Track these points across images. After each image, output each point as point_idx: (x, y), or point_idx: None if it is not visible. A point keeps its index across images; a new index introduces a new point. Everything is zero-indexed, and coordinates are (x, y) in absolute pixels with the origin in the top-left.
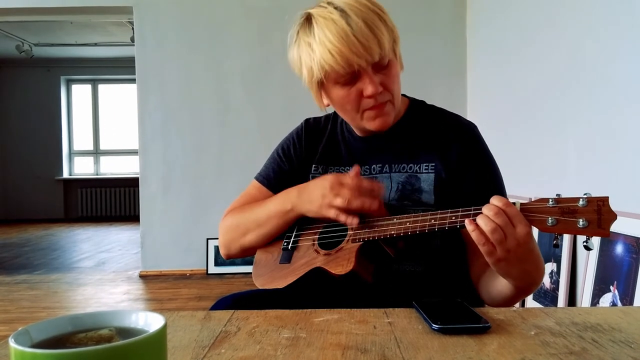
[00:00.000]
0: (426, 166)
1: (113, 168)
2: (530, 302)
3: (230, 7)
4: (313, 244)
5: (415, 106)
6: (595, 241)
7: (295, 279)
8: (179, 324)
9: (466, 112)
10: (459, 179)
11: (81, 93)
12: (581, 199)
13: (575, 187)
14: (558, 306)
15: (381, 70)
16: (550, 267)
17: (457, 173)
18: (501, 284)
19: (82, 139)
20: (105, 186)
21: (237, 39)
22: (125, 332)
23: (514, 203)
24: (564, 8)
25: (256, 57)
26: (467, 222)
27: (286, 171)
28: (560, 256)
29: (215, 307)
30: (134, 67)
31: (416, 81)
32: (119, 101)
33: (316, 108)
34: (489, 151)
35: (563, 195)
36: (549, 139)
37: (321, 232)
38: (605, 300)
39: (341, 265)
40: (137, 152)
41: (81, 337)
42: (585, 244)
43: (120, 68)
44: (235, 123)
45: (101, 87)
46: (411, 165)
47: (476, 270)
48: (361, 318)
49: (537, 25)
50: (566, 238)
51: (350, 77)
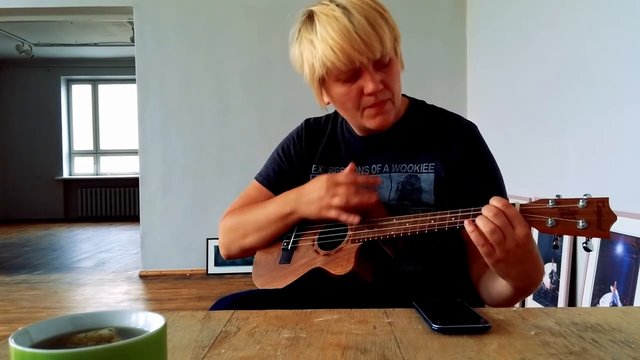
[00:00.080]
0: (426, 166)
1: (113, 168)
2: (530, 302)
3: (230, 7)
4: (313, 245)
5: (415, 106)
6: (595, 241)
7: (295, 280)
8: (179, 324)
9: (466, 112)
10: (459, 179)
11: (81, 93)
12: (581, 200)
13: (575, 187)
14: (558, 306)
15: (382, 68)
16: (550, 267)
17: (457, 173)
18: (501, 285)
19: (82, 139)
20: (105, 186)
21: (237, 39)
22: (125, 332)
23: (514, 204)
24: (564, 8)
25: (256, 57)
26: (467, 223)
27: (286, 171)
28: (560, 256)
29: (215, 307)
30: (134, 67)
31: (416, 81)
32: (119, 101)
33: (316, 108)
34: (489, 151)
35: (563, 195)
36: (549, 139)
37: (321, 233)
38: (605, 300)
39: (341, 265)
40: (137, 152)
41: (81, 337)
42: (585, 245)
43: (120, 68)
44: (235, 123)
45: (101, 87)
46: (411, 165)
47: (476, 270)
48: (361, 318)
49: (537, 25)
50: (566, 238)
51: (351, 75)
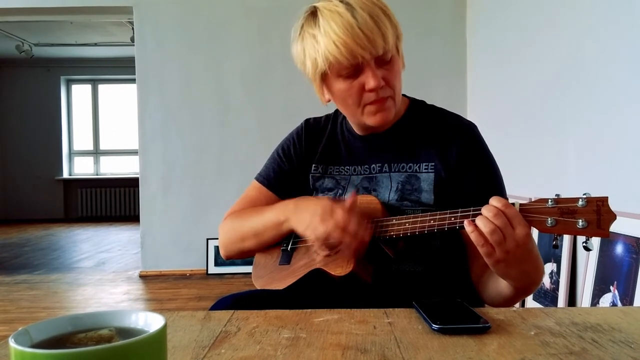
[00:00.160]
0: (426, 166)
1: (113, 168)
2: (530, 302)
3: (230, 7)
4: (312, 245)
5: (415, 106)
6: (595, 241)
7: (294, 281)
8: (179, 324)
9: (466, 112)
10: (459, 179)
11: (81, 93)
12: (580, 199)
13: (575, 187)
14: (558, 306)
15: (384, 65)
16: (550, 267)
17: (457, 173)
18: (501, 285)
19: (82, 139)
20: (105, 186)
21: (237, 39)
22: (125, 332)
23: (513, 204)
24: (564, 8)
25: (256, 57)
26: (466, 223)
27: (286, 171)
28: (560, 256)
29: (215, 307)
30: (134, 67)
31: (416, 81)
32: (119, 101)
33: (316, 108)
34: (489, 151)
35: (562, 195)
36: (549, 139)
37: None
38: (605, 300)
39: (341, 266)
40: (137, 152)
41: (81, 337)
42: (584, 245)
43: (120, 68)
44: (235, 123)
45: (101, 87)
46: (411, 164)
47: (476, 270)
48: (361, 318)
49: (537, 25)
50: (566, 238)
51: (353, 70)
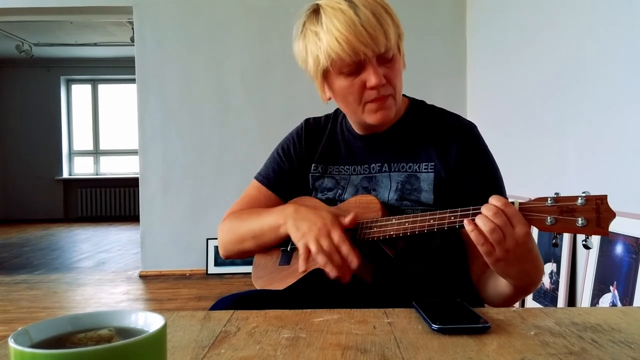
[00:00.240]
0: (426, 165)
1: (113, 168)
2: (530, 302)
3: (230, 7)
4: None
5: (415, 106)
6: (595, 241)
7: (294, 281)
8: (179, 324)
9: (466, 112)
10: (459, 179)
11: (81, 93)
12: (580, 198)
13: (575, 187)
14: (558, 306)
15: (385, 63)
16: (550, 267)
17: (457, 173)
18: (501, 284)
19: (82, 139)
20: (105, 186)
21: (237, 39)
22: (125, 332)
23: (513, 203)
24: (564, 8)
25: (256, 57)
26: (466, 222)
27: (286, 171)
28: (560, 256)
29: (215, 307)
30: (134, 67)
31: (416, 81)
32: (119, 101)
33: (316, 108)
34: (489, 151)
35: (562, 194)
36: (549, 139)
37: None
38: (605, 300)
39: None
40: (137, 152)
41: (81, 337)
42: (584, 243)
43: (120, 68)
44: (235, 123)
45: (101, 87)
46: (411, 164)
47: (476, 270)
48: (361, 318)
49: (537, 25)
50: (566, 238)
51: (354, 68)
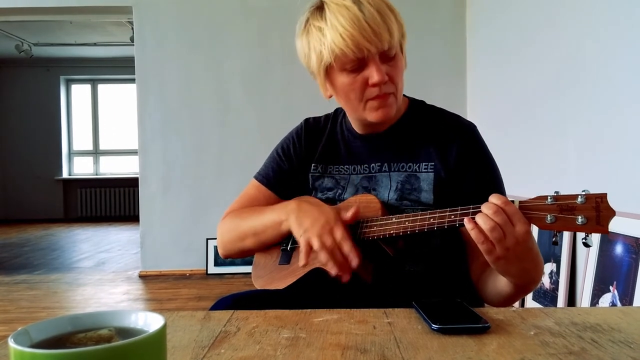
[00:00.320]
0: (425, 165)
1: (113, 168)
2: (529, 302)
3: (230, 7)
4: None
5: (415, 106)
6: (594, 241)
7: (294, 280)
8: (179, 324)
9: (466, 112)
10: (459, 179)
11: (81, 93)
12: (579, 196)
13: (575, 187)
14: (557, 306)
15: (388, 61)
16: (549, 267)
17: (457, 173)
18: (501, 283)
19: (82, 139)
20: (105, 186)
21: (237, 39)
22: (124, 332)
23: (513, 201)
24: (564, 8)
25: (256, 57)
26: (466, 221)
27: (286, 170)
28: (559, 256)
29: (215, 307)
30: (134, 67)
31: (416, 81)
32: (119, 101)
33: (316, 108)
34: (489, 151)
35: (562, 193)
36: (549, 139)
37: None
38: (604, 300)
39: None
40: (137, 152)
41: (81, 337)
42: (584, 241)
43: (120, 68)
44: (235, 123)
45: (101, 87)
46: (410, 164)
47: (476, 269)
48: (361, 318)
49: (537, 25)
50: (566, 238)
51: (357, 64)
